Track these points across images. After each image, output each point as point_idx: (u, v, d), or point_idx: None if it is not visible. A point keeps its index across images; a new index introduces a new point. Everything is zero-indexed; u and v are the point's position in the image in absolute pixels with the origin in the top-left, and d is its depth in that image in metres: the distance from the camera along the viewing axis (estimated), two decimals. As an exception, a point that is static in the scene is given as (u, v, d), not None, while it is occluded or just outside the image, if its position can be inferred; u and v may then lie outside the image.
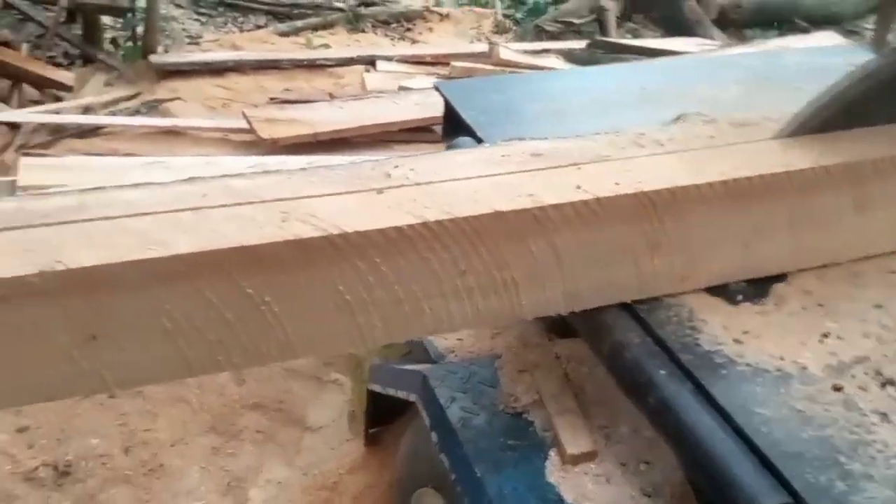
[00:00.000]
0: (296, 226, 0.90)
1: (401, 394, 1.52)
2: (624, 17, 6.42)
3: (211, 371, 0.92)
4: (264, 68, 4.32)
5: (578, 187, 1.05)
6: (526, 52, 4.62)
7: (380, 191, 1.00)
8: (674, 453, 1.09)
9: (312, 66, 4.41)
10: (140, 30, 4.60)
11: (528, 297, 1.06)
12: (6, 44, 3.92)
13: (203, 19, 5.69)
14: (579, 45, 5.17)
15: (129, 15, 4.49)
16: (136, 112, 3.68)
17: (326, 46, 5.04)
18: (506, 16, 6.29)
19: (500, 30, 5.98)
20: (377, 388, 1.70)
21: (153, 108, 3.72)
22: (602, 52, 4.89)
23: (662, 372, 1.11)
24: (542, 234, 1.03)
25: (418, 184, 1.03)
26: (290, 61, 4.40)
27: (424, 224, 0.95)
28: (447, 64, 4.32)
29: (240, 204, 0.93)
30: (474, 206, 0.99)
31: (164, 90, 3.97)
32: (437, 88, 1.89)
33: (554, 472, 1.21)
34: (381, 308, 0.97)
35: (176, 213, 0.90)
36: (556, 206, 1.02)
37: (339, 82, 4.27)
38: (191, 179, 0.98)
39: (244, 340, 0.90)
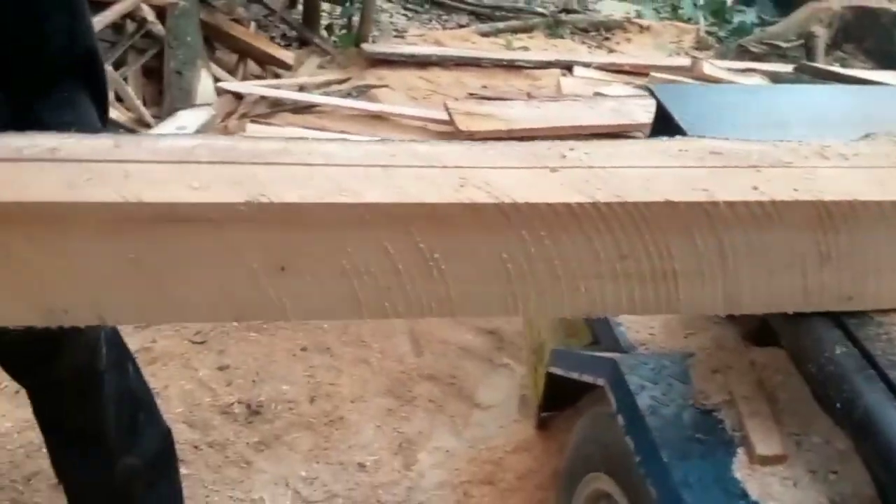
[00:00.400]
0: (471, 191, 0.94)
1: (586, 378, 1.57)
2: (834, 46, 6.11)
3: (377, 315, 0.97)
4: (465, 65, 4.49)
5: (755, 188, 1.03)
6: (729, 70, 4.52)
7: (553, 169, 1.01)
8: (873, 470, 1.08)
9: (511, 66, 4.53)
10: (355, 20, 4.91)
11: (686, 292, 1.05)
12: (238, 21, 4.30)
13: (409, 15, 5.97)
14: (785, 68, 4.99)
15: (348, 4, 4.80)
16: (348, 95, 3.94)
17: (525, 49, 5.16)
18: (708, 33, 6.16)
19: (701, 46, 5.87)
20: (558, 371, 1.75)
21: (362, 92, 3.96)
22: (809, 77, 4.70)
23: (870, 388, 1.10)
24: (711, 230, 1.01)
25: (592, 167, 1.04)
26: (489, 60, 4.54)
27: (594, 204, 0.96)
28: (645, 75, 4.31)
29: (423, 167, 0.98)
30: (645, 193, 0.98)
31: (372, 77, 4.22)
32: (649, 90, 1.92)
33: (741, 468, 1.22)
34: (538, 280, 0.99)
35: (367, 168, 0.96)
36: (729, 204, 1.00)
37: (536, 84, 4.37)
38: (382, 140, 1.05)
39: (409, 291, 0.95)
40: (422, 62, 4.45)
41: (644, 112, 3.38)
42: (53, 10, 1.25)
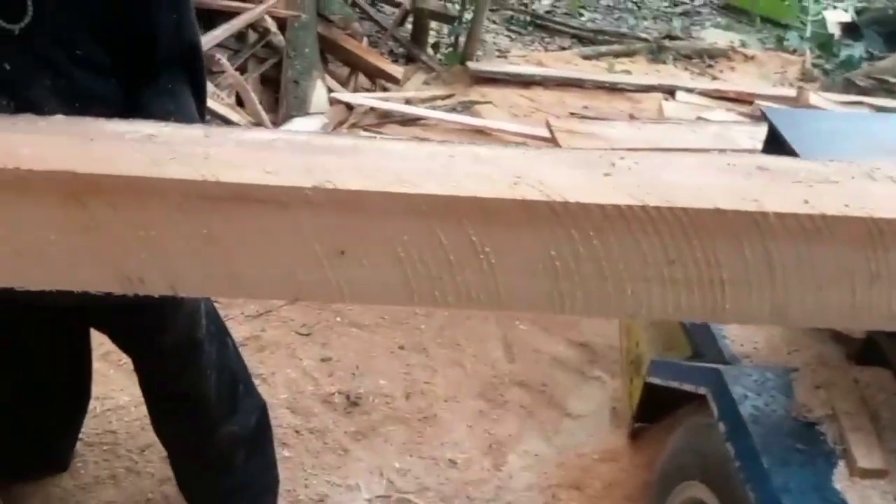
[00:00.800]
0: (524, 189, 0.97)
1: (687, 387, 1.62)
2: (945, 85, 5.92)
3: (427, 304, 1.00)
4: (567, 85, 4.57)
5: (805, 202, 1.02)
6: (836, 102, 4.45)
7: (606, 174, 1.04)
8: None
9: (613, 88, 4.58)
10: (461, 39, 5.05)
11: (733, 302, 1.05)
12: (352, 36, 4.49)
13: (513, 36, 6.08)
14: (893, 103, 4.88)
15: (456, 24, 4.95)
16: (452, 109, 4.08)
17: (627, 73, 5.19)
18: (815, 65, 6.05)
19: (806, 78, 5.78)
20: (657, 381, 1.80)
21: (466, 108, 4.09)
22: (919, 113, 4.58)
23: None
24: (760, 241, 1.01)
25: (642, 173, 1.06)
26: (592, 82, 4.60)
27: (643, 207, 0.97)
28: (749, 102, 4.29)
29: (481, 165, 1.02)
30: (695, 200, 0.99)
31: (475, 94, 4.35)
32: (763, 113, 1.96)
33: (841, 480, 1.25)
34: (585, 280, 1.01)
35: (428, 163, 1.01)
36: (778, 215, 1.00)
37: (637, 106, 4.40)
38: (443, 142, 1.11)
39: (459, 282, 0.99)
40: (524, 81, 4.55)
41: (748, 138, 3.37)
42: (164, 4, 1.36)
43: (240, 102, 3.72)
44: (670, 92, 4.62)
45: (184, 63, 1.43)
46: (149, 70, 1.39)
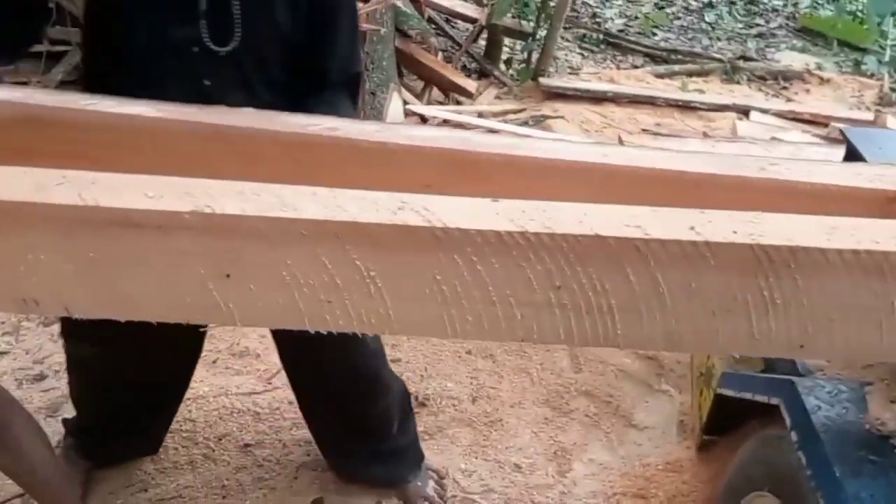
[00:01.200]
0: (407, 214, 0.97)
1: (759, 398, 1.63)
2: None
3: (319, 326, 1.00)
4: (639, 103, 4.58)
5: (691, 228, 1.01)
6: (916, 126, 4.36)
7: (495, 199, 1.03)
8: None
9: (686, 107, 4.57)
10: (534, 55, 5.12)
11: (624, 328, 1.03)
12: (427, 50, 4.59)
13: (585, 54, 6.11)
14: (978, 130, 4.75)
15: (530, 40, 5.02)
16: (524, 123, 4.14)
17: (700, 92, 5.17)
18: (893, 89, 5.92)
19: (884, 102, 5.66)
20: (729, 392, 1.81)
21: (538, 122, 4.14)
22: None
23: None
24: (645, 268, 0.99)
25: (530, 199, 1.05)
26: (664, 99, 4.61)
27: (523, 233, 0.97)
28: (825, 125, 4.23)
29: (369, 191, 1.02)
30: (576, 227, 0.98)
31: (547, 109, 4.40)
32: (842, 132, 1.97)
33: (915, 493, 1.25)
34: (474, 305, 1.00)
35: (314, 188, 1.01)
36: (661, 242, 0.98)
37: (710, 125, 4.39)
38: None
39: (349, 305, 0.98)
40: (596, 97, 4.58)
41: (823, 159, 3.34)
42: (345, 39, 1.61)
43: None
44: (744, 112, 4.59)
45: (350, 88, 1.66)
46: (320, 93, 1.60)
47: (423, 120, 4.07)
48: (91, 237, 0.93)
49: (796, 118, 4.52)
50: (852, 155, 1.87)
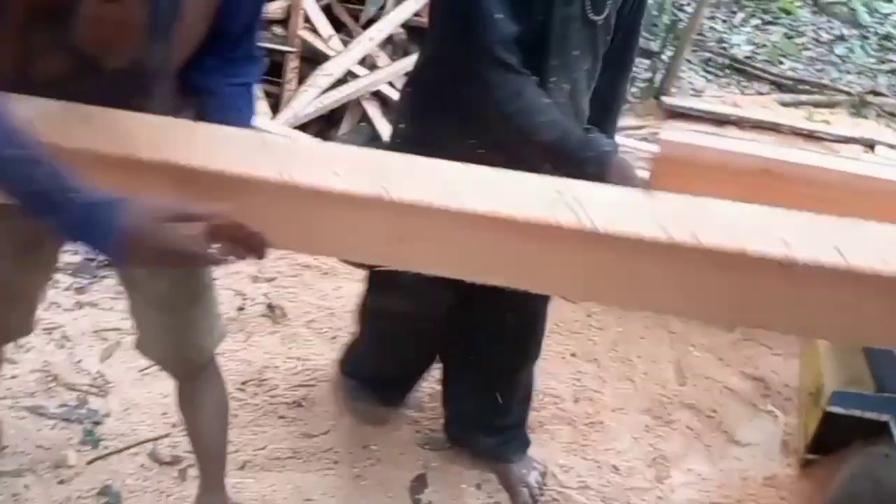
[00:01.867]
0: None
1: (869, 415, 1.65)
2: None
3: None
4: (762, 128, 4.52)
5: None
6: None
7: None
8: None
9: (810, 136, 4.49)
10: (657, 74, 5.13)
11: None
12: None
13: (709, 77, 6.06)
14: None
15: (655, 59, 5.04)
16: (643, 139, 4.16)
17: (826, 123, 5.06)
18: None
19: None
20: (838, 410, 1.83)
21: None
22: None
23: None
24: None
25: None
26: (789, 127, 4.54)
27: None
28: (959, 165, 4.08)
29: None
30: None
31: (668, 127, 4.41)
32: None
33: None
34: None
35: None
36: None
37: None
38: None
39: None
40: (718, 120, 4.55)
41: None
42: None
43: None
44: (870, 146, 4.48)
45: None
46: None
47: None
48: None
49: (927, 156, 4.37)
50: None
